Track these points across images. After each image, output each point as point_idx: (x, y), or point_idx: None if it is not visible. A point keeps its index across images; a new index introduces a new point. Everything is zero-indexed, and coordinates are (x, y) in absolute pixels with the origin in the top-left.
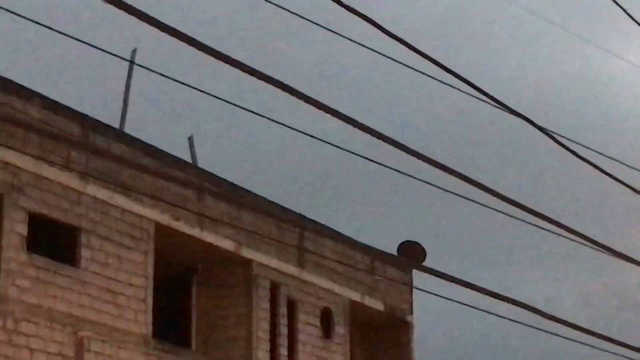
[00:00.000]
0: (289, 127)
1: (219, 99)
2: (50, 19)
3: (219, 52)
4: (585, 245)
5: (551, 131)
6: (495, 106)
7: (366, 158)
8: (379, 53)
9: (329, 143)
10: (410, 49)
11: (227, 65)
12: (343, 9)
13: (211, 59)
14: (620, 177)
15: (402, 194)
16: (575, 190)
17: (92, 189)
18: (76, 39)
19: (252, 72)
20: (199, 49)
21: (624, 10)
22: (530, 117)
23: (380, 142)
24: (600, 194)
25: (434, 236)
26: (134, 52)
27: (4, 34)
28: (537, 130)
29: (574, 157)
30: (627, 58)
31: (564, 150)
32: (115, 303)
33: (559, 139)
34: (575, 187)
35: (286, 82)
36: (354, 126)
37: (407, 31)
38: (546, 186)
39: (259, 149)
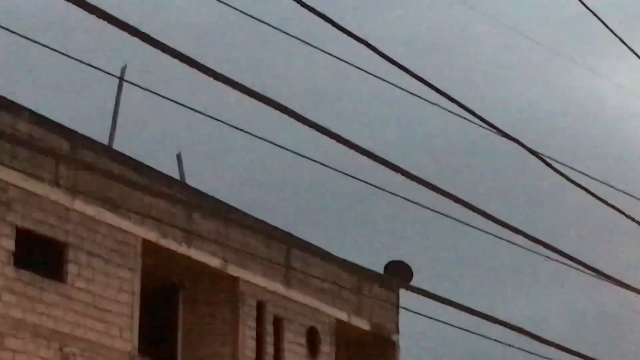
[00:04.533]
0: (277, 145)
1: (207, 116)
2: (40, 34)
3: (207, 67)
4: (573, 267)
5: (541, 154)
6: (486, 128)
7: (355, 178)
8: (368, 72)
9: (318, 162)
10: (401, 69)
11: (218, 83)
12: (340, 31)
13: (200, 75)
14: (608, 199)
15: (391, 213)
16: (564, 212)
17: (80, 205)
18: (66, 54)
19: (240, 88)
20: (189, 65)
21: (613, 33)
22: (520, 139)
23: (369, 160)
24: (587, 214)
25: (421, 256)
26: (123, 68)
27: None
28: (529, 153)
29: (563, 179)
30: (616, 80)
31: (554, 172)
32: (102, 319)
33: (550, 161)
34: (563, 209)
35: (275, 99)
36: (343, 144)
37: (397, 51)
38: (536, 208)
39: (247, 167)
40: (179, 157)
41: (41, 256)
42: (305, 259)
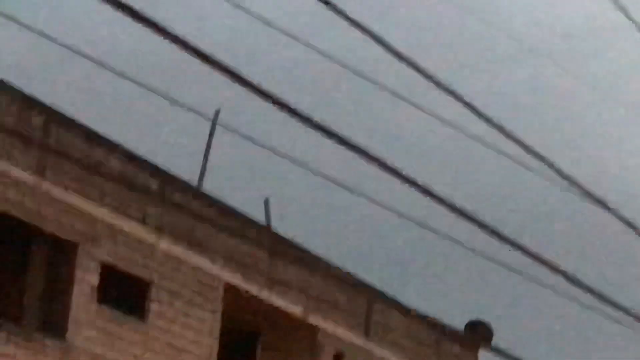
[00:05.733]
0: (367, 196)
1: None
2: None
3: (299, 113)
4: None
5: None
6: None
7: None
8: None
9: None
10: (494, 127)
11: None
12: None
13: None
14: None
15: (475, 271)
16: None
17: (166, 244)
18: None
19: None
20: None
21: None
22: (612, 206)
23: (456, 217)
24: None
25: (503, 317)
26: (217, 112)
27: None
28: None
29: None
30: None
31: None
32: None
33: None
34: None
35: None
36: (431, 198)
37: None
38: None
39: (334, 216)
40: (266, 202)
41: (124, 293)
42: (386, 312)
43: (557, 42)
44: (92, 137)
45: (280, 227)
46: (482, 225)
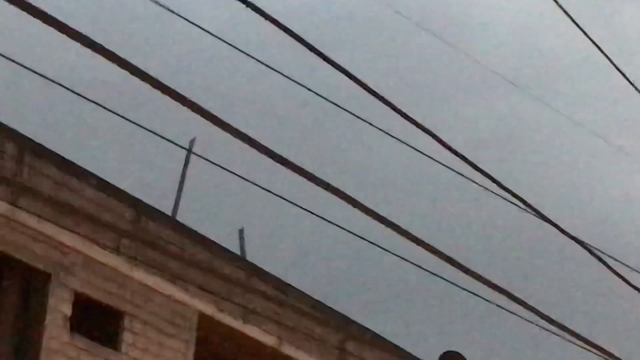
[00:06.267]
0: (337, 225)
1: (272, 193)
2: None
3: (268, 148)
4: None
5: (600, 252)
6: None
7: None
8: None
9: (381, 248)
10: (466, 162)
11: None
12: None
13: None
14: None
15: (449, 303)
16: (618, 315)
17: (140, 274)
18: (136, 123)
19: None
20: (251, 146)
21: None
22: (577, 236)
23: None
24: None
25: (476, 348)
26: (192, 141)
27: (63, 114)
28: (587, 252)
29: (621, 281)
30: None
31: (611, 273)
32: None
33: (609, 262)
34: (619, 311)
35: (337, 187)
36: (400, 233)
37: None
38: (594, 308)
39: (309, 247)
40: (241, 232)
41: (97, 323)
42: (360, 343)
43: (529, 72)
44: (66, 166)
45: (255, 257)
46: (455, 263)
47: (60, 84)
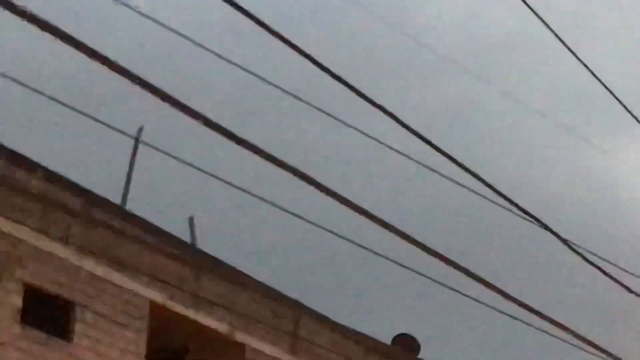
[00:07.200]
0: (291, 212)
1: (221, 180)
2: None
3: (225, 128)
4: (582, 349)
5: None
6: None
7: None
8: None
9: (331, 231)
10: (418, 137)
11: (235, 146)
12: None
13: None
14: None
15: (403, 285)
16: (578, 292)
17: (90, 264)
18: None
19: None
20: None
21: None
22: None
23: (384, 232)
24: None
25: (430, 330)
26: (140, 129)
27: (9, 104)
28: (544, 230)
29: (578, 258)
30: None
31: (570, 250)
32: None
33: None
34: (578, 289)
35: (293, 166)
36: (359, 213)
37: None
38: (550, 285)
39: (260, 234)
40: (191, 220)
41: (48, 314)
42: (313, 328)
43: (481, 56)
44: (13, 157)
45: (206, 245)
46: (409, 238)
47: (4, 74)
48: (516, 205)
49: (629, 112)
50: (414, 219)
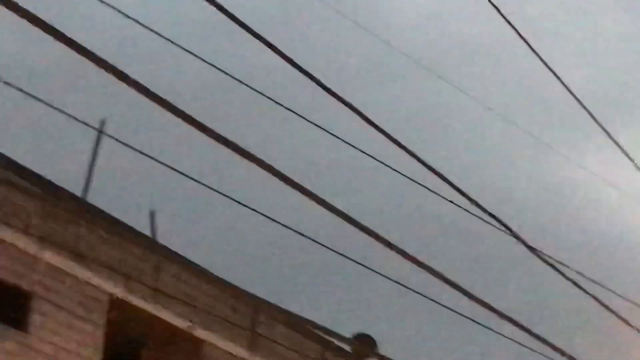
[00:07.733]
0: (252, 209)
1: (184, 175)
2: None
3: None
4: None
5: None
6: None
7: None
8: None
9: (292, 229)
10: (387, 137)
11: (200, 137)
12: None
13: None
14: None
15: (363, 284)
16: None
17: (49, 255)
18: (46, 102)
19: (231, 145)
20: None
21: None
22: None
23: (345, 228)
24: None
25: (390, 330)
26: (103, 121)
27: None
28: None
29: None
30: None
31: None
32: None
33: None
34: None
35: (261, 158)
36: (326, 208)
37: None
38: (513, 288)
39: (221, 229)
40: (152, 214)
41: (5, 305)
42: (272, 325)
43: (449, 59)
44: None
45: (166, 239)
46: (372, 234)
47: None
48: (478, 205)
49: (594, 118)
50: (378, 217)
